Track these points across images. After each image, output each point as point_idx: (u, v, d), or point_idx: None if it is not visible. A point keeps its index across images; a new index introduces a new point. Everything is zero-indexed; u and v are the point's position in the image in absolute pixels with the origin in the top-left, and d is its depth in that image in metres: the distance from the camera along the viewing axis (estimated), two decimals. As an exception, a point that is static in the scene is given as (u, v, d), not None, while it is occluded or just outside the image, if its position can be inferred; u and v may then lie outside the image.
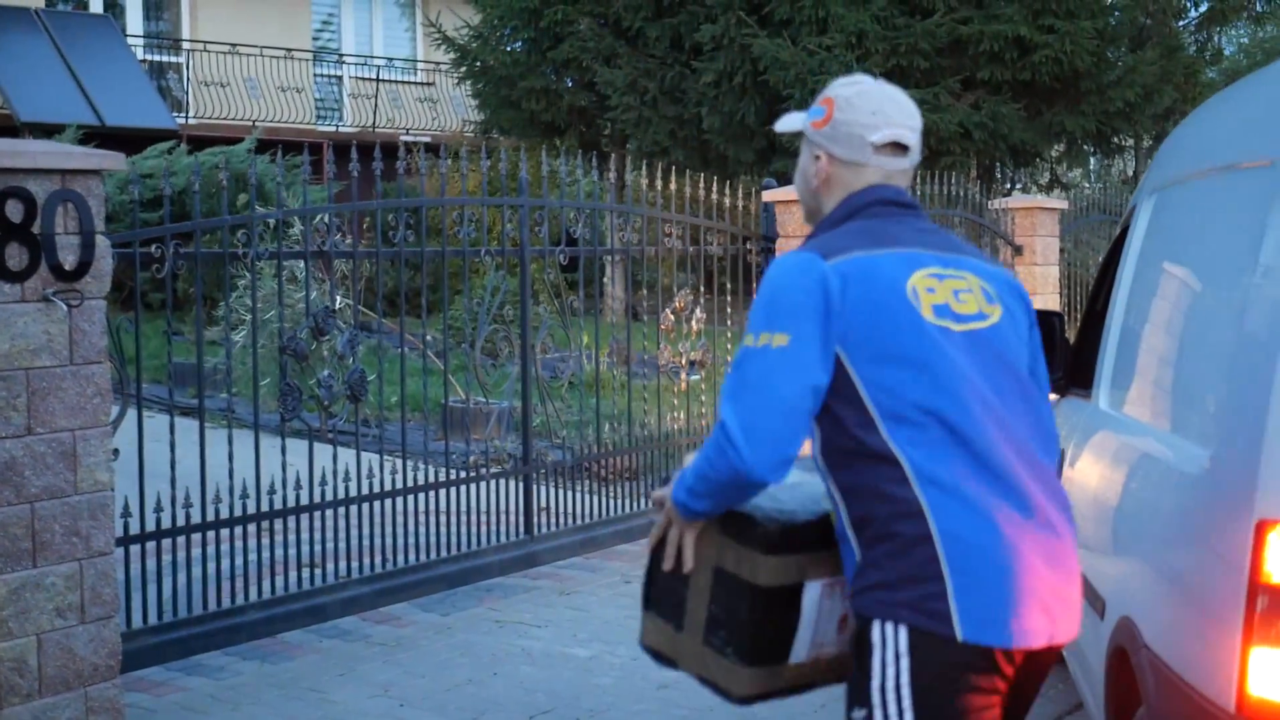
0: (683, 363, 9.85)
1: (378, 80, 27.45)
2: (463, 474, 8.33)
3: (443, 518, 8.10)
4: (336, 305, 7.70)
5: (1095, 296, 6.04)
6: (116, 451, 5.87)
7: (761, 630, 3.25)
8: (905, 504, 3.00)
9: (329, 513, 7.47)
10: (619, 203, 9.37)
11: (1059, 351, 6.13)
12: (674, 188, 9.54)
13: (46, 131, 20.33)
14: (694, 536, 3.30)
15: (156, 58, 25.57)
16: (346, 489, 7.53)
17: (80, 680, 5.58)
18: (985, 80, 18.77)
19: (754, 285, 10.23)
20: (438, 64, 26.95)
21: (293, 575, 7.41)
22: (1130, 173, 27.80)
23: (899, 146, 3.33)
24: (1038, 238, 12.26)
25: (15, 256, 5.43)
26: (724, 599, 3.26)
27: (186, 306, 15.90)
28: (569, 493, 9.03)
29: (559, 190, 9.10)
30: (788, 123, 3.51)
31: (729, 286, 9.95)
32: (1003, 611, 2.97)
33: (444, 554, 8.07)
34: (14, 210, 5.43)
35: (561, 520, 8.97)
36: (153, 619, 6.66)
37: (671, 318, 9.69)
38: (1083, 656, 4.79)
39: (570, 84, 21.87)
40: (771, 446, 3.02)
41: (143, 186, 6.54)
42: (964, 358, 3.11)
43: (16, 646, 5.40)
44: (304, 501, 7.34)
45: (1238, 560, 3.16)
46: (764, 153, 19.87)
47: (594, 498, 9.23)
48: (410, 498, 7.92)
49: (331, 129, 26.58)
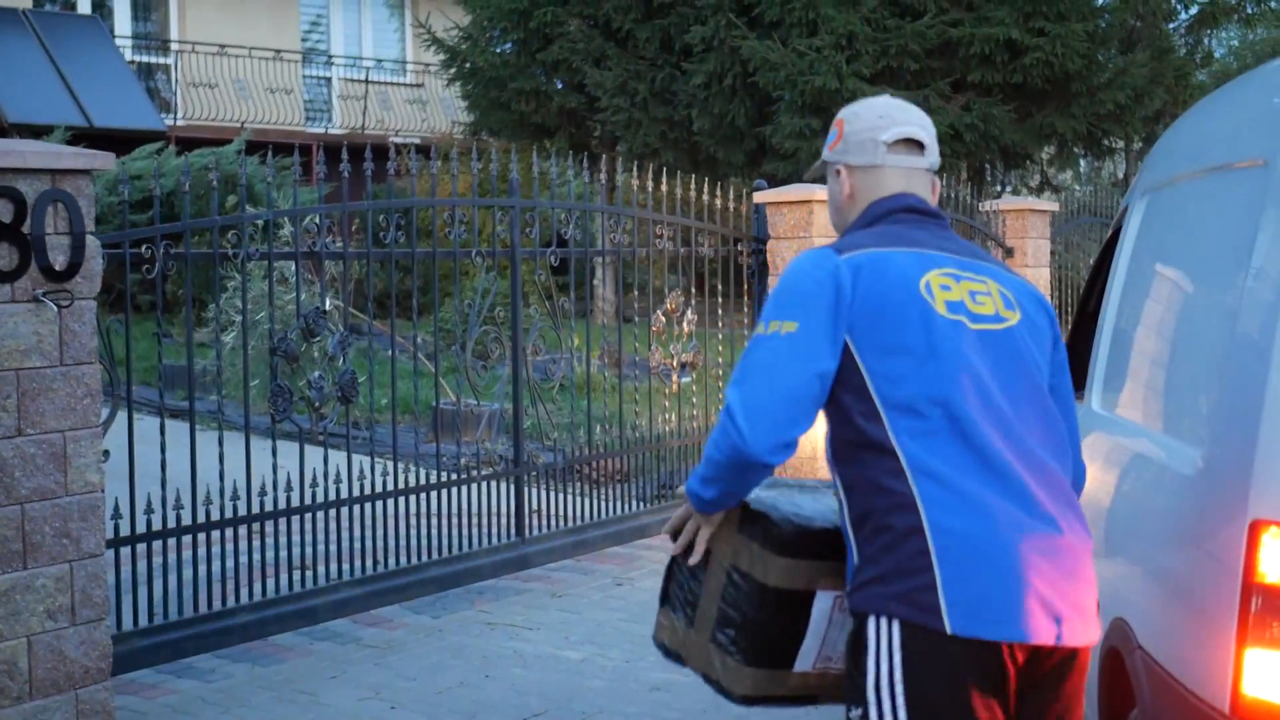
0: (674, 365, 9.84)
1: (367, 81, 27.41)
2: (454, 476, 8.31)
3: (434, 520, 8.08)
4: (326, 307, 7.66)
5: (1087, 298, 6.03)
6: (107, 453, 5.86)
7: (768, 631, 3.29)
8: (900, 496, 3.02)
9: (320, 515, 7.46)
10: (610, 204, 9.36)
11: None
12: (665, 189, 9.53)
13: (35, 132, 20.28)
14: (710, 530, 3.35)
15: (145, 59, 25.52)
16: (338, 491, 7.51)
17: (71, 683, 5.57)
18: (976, 82, 18.77)
19: (745, 287, 10.26)
20: (427, 65, 26.91)
21: (284, 577, 7.40)
22: (1120, 175, 27.80)
23: (912, 143, 3.39)
24: (1028, 239, 12.27)
25: (5, 257, 5.41)
26: (735, 597, 3.30)
27: (175, 308, 15.89)
28: (560, 495, 9.03)
29: (550, 192, 9.09)
30: (813, 170, 3.63)
31: (720, 288, 9.95)
32: (994, 605, 2.96)
33: (435, 556, 8.05)
34: (4, 210, 5.41)
35: (553, 522, 8.96)
36: (143, 621, 6.64)
37: (663, 319, 9.68)
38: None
39: (560, 85, 21.84)
40: (772, 428, 3.07)
41: (131, 187, 6.51)
42: (975, 354, 3.14)
43: (6, 649, 5.39)
44: (295, 503, 7.33)
45: (1231, 561, 3.17)
46: (754, 154, 19.86)
47: (585, 500, 9.22)
48: (401, 500, 7.90)
49: (321, 130, 26.54)
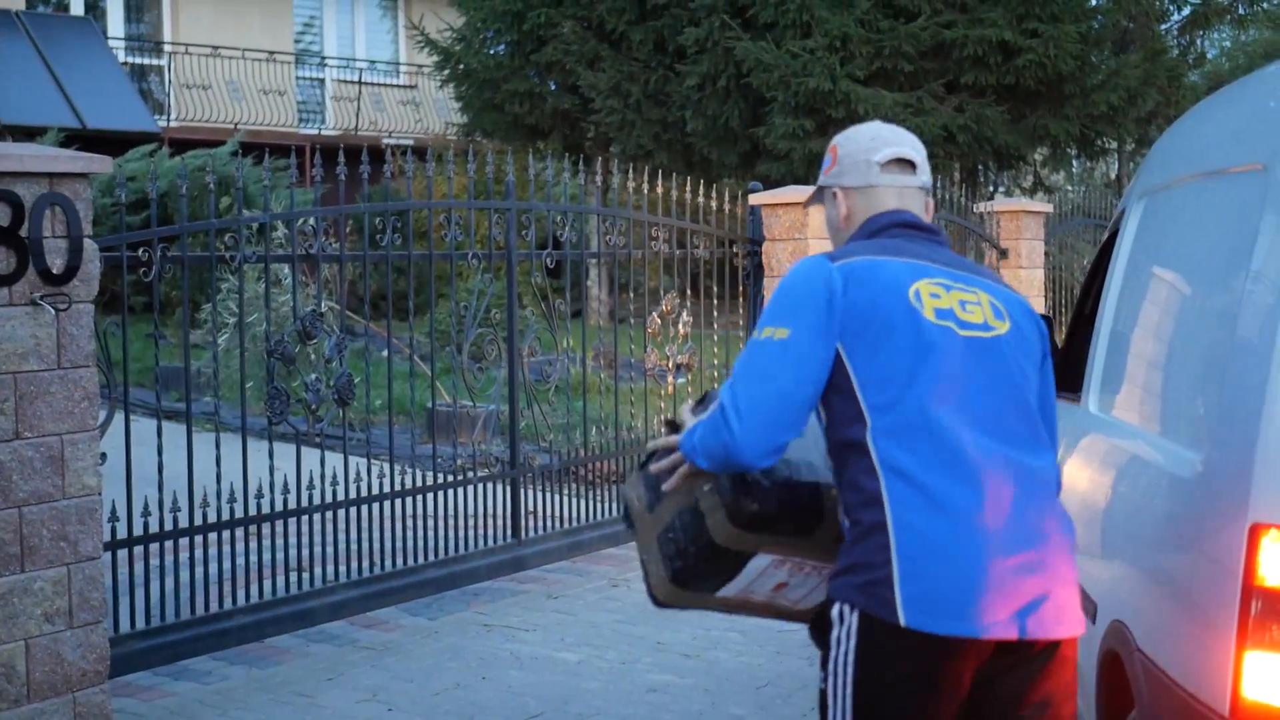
0: (669, 366, 9.85)
1: (360, 83, 27.40)
2: (450, 478, 8.31)
3: (430, 521, 8.09)
4: (322, 309, 7.66)
5: (1083, 300, 6.04)
6: (104, 455, 5.86)
7: (701, 567, 3.51)
8: (870, 493, 3.13)
9: (317, 517, 7.46)
10: (605, 206, 9.36)
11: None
12: (660, 191, 9.54)
13: (28, 133, 20.25)
14: (689, 470, 3.44)
15: (138, 60, 25.51)
16: (334, 493, 7.52)
17: (69, 685, 5.57)
18: (969, 84, 18.79)
19: (741, 289, 10.27)
20: (420, 67, 26.89)
21: (280, 579, 7.40)
22: (1113, 175, 27.84)
23: (904, 163, 3.50)
24: (1023, 241, 12.30)
25: (3, 260, 5.42)
26: (687, 525, 3.49)
27: (169, 309, 15.87)
28: (556, 496, 9.03)
29: (545, 194, 9.09)
30: (811, 197, 3.75)
31: (715, 290, 9.95)
32: (949, 601, 3.05)
33: (431, 558, 8.06)
34: (1, 214, 5.42)
35: (549, 524, 8.97)
36: (140, 624, 6.64)
37: (658, 321, 9.69)
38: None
39: (554, 87, 21.85)
40: (763, 431, 3.19)
41: (127, 189, 6.51)
42: (961, 359, 3.23)
43: (4, 652, 5.39)
44: (291, 506, 7.33)
45: (1231, 564, 3.17)
46: (748, 156, 19.88)
47: (581, 501, 9.23)
48: (398, 501, 7.91)
49: (314, 132, 26.53)
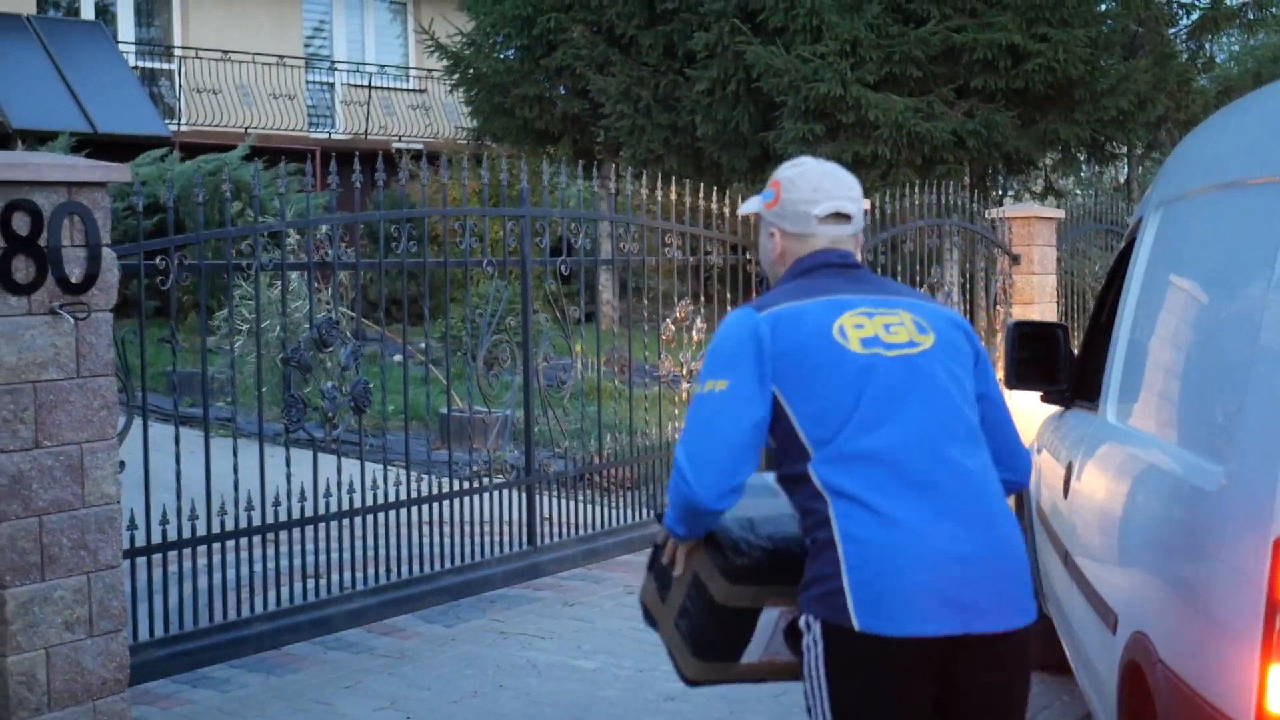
0: (684, 373, 9.86)
1: (370, 87, 27.41)
2: (466, 485, 8.31)
3: (446, 528, 8.10)
4: (337, 317, 7.68)
5: (1099, 308, 6.05)
6: (122, 464, 5.88)
7: (716, 634, 3.75)
8: (819, 515, 3.44)
9: (333, 524, 7.47)
10: (619, 213, 9.37)
11: (1063, 363, 6.16)
12: (674, 197, 9.54)
13: (39, 138, 20.30)
14: (686, 549, 3.77)
15: (148, 64, 25.50)
16: (350, 500, 7.53)
17: (89, 694, 5.59)
18: (979, 88, 18.77)
19: (753, 294, 10.27)
20: (430, 71, 26.89)
21: (297, 586, 7.41)
22: (1122, 179, 27.81)
23: (840, 216, 3.76)
24: (1035, 247, 12.28)
25: (22, 269, 5.44)
26: (694, 599, 3.75)
27: (181, 314, 15.90)
28: (571, 503, 9.05)
29: (559, 200, 9.09)
30: (748, 207, 3.98)
31: (729, 296, 9.96)
32: (895, 604, 3.33)
33: (447, 565, 8.06)
34: (20, 223, 5.44)
35: (564, 531, 8.98)
36: (159, 631, 6.65)
37: (672, 327, 9.70)
38: (1092, 669, 4.80)
39: (563, 91, 21.83)
40: (715, 477, 3.48)
41: (143, 194, 6.51)
42: (893, 378, 3.52)
43: (25, 660, 5.41)
44: (309, 513, 7.34)
45: (1255, 577, 3.17)
46: (758, 160, 19.87)
47: (596, 508, 9.24)
48: (414, 508, 7.92)
49: (324, 136, 26.54)
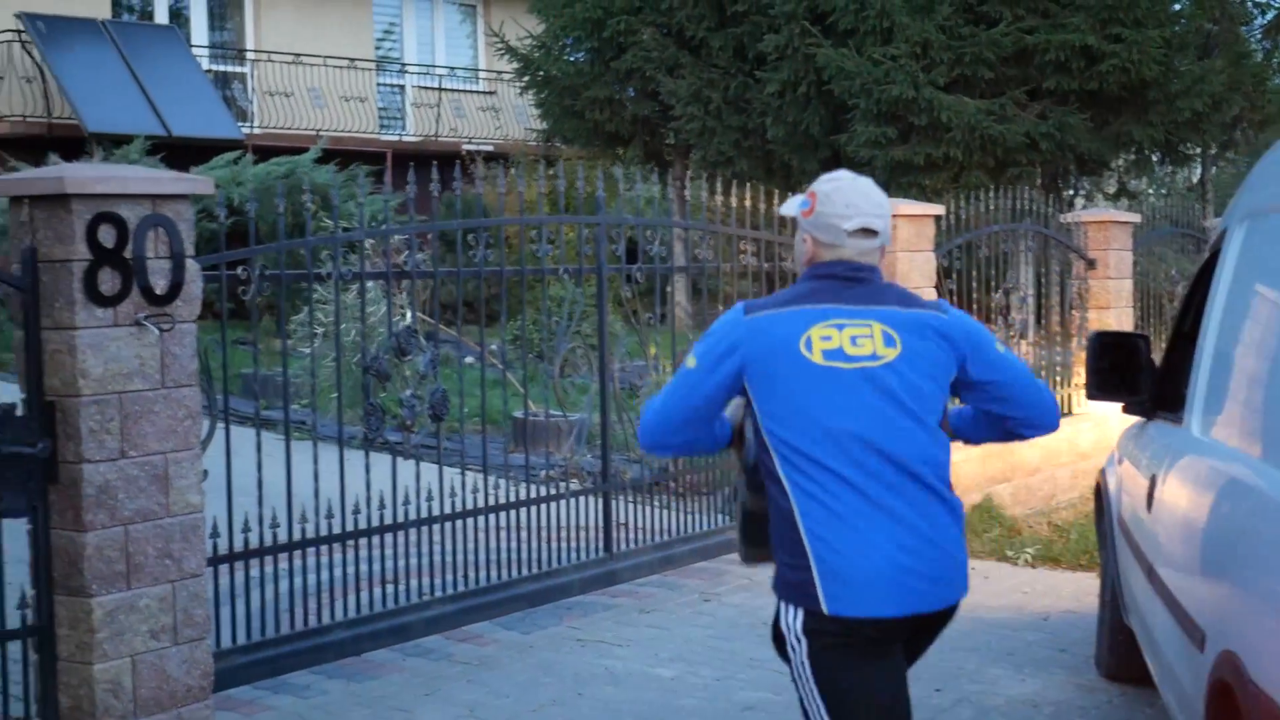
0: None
1: (440, 89, 27.52)
2: (543, 491, 8.32)
3: (522, 534, 8.11)
4: (414, 324, 7.72)
5: (1181, 319, 6.00)
6: (205, 472, 5.93)
7: (749, 530, 4.31)
8: (787, 512, 3.97)
9: (411, 531, 7.50)
10: (694, 220, 9.36)
11: (1144, 374, 6.11)
12: (749, 203, 9.52)
13: (114, 142, 20.50)
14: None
15: (221, 67, 25.70)
16: (429, 508, 7.56)
17: (174, 701, 5.65)
18: (1052, 90, 18.64)
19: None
20: (499, 73, 26.97)
21: (376, 592, 7.44)
22: (1195, 180, 27.56)
23: (868, 231, 4.13)
24: (1110, 251, 12.15)
25: (108, 281, 5.49)
26: (738, 500, 4.41)
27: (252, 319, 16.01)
28: (647, 509, 9.05)
29: (634, 207, 9.10)
30: (786, 209, 4.36)
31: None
32: (856, 591, 3.89)
33: (525, 572, 8.08)
34: (106, 235, 5.49)
35: (640, 537, 8.98)
36: (240, 638, 6.70)
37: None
38: (1178, 685, 4.75)
39: (633, 94, 21.82)
40: (649, 437, 4.14)
41: (209, 202, 6.55)
42: (848, 389, 3.97)
43: (112, 668, 5.47)
44: (388, 521, 7.37)
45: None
46: (828, 163, 19.75)
47: (672, 514, 9.24)
48: (492, 516, 7.94)
49: (395, 138, 26.67)
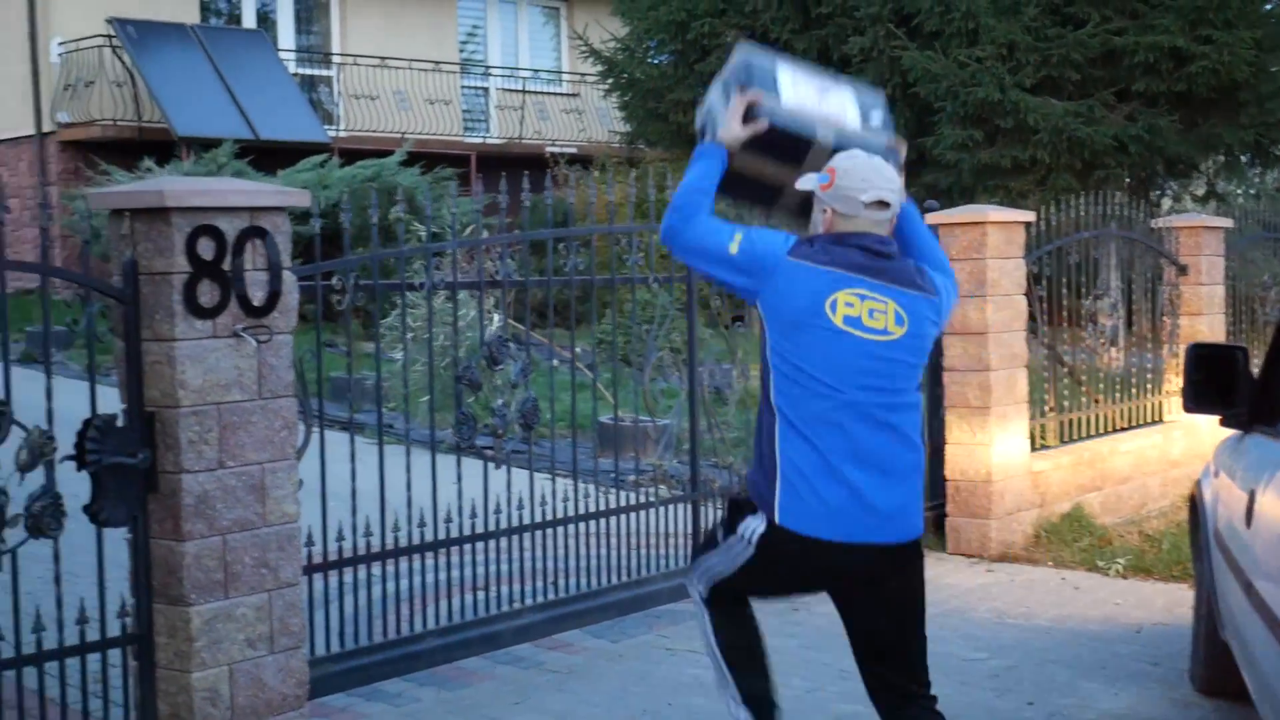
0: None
1: (524, 92, 27.63)
2: (632, 499, 8.31)
3: (612, 541, 8.11)
4: (504, 332, 7.75)
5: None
6: (300, 482, 5.98)
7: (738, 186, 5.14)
8: (769, 431, 4.64)
9: (503, 540, 7.52)
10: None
11: (1242, 387, 6.04)
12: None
13: (203, 145, 20.74)
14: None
15: (307, 71, 25.92)
16: (520, 517, 7.58)
17: (270, 709, 5.70)
18: (1140, 92, 18.48)
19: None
20: (583, 75, 27.04)
21: (467, 599, 7.44)
22: (1285, 182, 27.22)
23: (882, 203, 4.71)
24: (1202, 257, 11.99)
25: (207, 293, 5.55)
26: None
27: (340, 322, 16.14)
28: (734, 517, 8.99)
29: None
30: (805, 183, 4.86)
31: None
32: (810, 512, 4.54)
33: (614, 580, 8.09)
34: (205, 248, 5.55)
35: (727, 545, 8.92)
36: (334, 646, 6.74)
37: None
38: (1276, 702, 4.71)
39: (717, 96, 21.82)
40: (667, 235, 4.83)
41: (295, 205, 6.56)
42: (854, 352, 4.55)
43: (209, 676, 5.53)
44: (479, 530, 7.39)
45: None
46: (913, 165, 19.63)
47: (759, 522, 9.17)
48: (581, 524, 7.95)
49: (479, 140, 26.81)
